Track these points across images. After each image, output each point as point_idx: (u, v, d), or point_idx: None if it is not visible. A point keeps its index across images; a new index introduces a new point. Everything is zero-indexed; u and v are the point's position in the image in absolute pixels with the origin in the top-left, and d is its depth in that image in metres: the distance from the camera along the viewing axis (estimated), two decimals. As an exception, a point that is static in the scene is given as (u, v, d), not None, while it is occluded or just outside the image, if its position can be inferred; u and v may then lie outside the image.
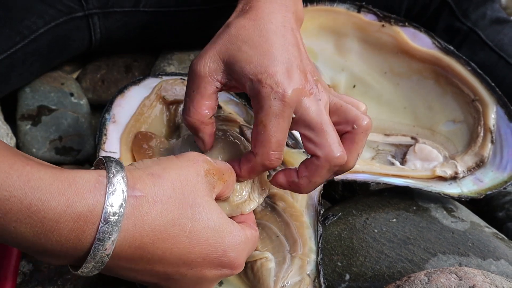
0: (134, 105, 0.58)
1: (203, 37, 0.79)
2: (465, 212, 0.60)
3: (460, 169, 0.60)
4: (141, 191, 0.35)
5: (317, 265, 0.47)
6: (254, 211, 0.50)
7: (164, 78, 0.61)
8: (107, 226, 0.33)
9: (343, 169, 0.43)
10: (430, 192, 0.58)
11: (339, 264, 0.53)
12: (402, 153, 0.64)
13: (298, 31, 0.47)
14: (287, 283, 0.45)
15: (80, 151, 0.71)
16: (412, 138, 0.65)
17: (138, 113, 0.57)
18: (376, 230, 0.56)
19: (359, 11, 0.65)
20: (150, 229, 0.35)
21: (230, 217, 0.44)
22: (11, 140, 0.65)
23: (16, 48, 0.66)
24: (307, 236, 0.48)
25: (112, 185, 0.34)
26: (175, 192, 0.37)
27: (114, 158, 0.37)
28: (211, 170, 0.40)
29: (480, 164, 0.61)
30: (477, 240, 0.55)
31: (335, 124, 0.43)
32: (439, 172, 0.60)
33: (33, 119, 0.71)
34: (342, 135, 0.43)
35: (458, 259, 0.53)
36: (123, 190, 0.34)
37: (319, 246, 0.48)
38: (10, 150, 0.34)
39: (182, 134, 0.55)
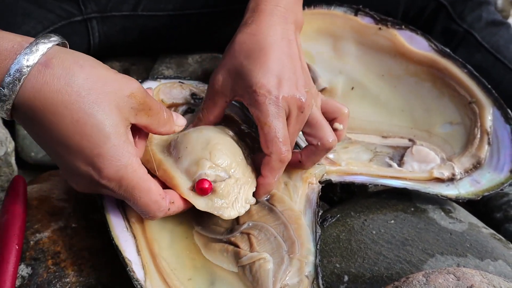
0: (133, 109, 0.58)
1: (201, 40, 0.80)
2: (463, 213, 0.61)
3: (457, 170, 0.60)
4: (53, 65, 0.39)
5: (315, 266, 0.47)
6: (250, 212, 0.50)
7: (163, 81, 0.61)
8: (9, 78, 0.38)
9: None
10: (428, 193, 0.58)
11: (337, 265, 0.54)
12: (399, 155, 0.64)
13: (296, 42, 0.52)
14: (285, 285, 0.45)
15: (78, 155, 0.71)
16: (410, 140, 0.65)
17: (136, 116, 0.57)
18: (374, 232, 0.56)
19: (356, 14, 0.66)
20: (43, 97, 0.39)
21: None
22: (9, 144, 0.65)
23: (15, 53, 0.67)
24: (305, 238, 0.48)
25: (30, 49, 0.39)
26: (85, 82, 0.40)
27: (56, 37, 0.41)
28: (138, 96, 0.42)
29: (477, 165, 0.61)
30: (475, 241, 0.55)
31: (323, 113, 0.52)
32: (436, 173, 0.60)
33: (32, 123, 0.71)
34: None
35: (456, 260, 0.53)
36: (35, 57, 0.38)
37: (318, 247, 0.48)
38: None
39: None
